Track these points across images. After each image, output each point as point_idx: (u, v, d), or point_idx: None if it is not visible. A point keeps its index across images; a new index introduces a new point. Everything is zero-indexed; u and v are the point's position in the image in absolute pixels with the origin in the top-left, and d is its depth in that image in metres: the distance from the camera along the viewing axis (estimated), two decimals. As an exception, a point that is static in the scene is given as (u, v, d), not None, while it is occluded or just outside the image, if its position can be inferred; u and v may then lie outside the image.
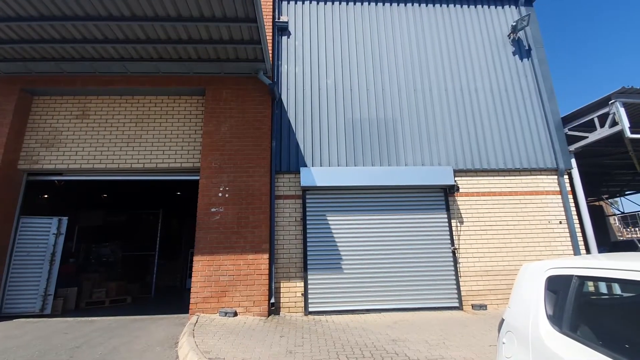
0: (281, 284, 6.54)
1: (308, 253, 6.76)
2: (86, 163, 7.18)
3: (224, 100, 7.35)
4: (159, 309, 7.62)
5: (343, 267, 6.80)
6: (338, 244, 6.91)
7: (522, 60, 8.64)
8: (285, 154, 7.34)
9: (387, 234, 7.09)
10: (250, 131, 7.15)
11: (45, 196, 9.71)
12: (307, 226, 6.91)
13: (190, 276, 11.05)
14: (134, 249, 11.34)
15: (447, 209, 7.39)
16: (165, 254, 11.68)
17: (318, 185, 6.98)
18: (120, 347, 4.72)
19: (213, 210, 6.55)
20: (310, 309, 6.47)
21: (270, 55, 7.88)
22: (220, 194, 6.67)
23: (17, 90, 7.19)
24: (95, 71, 7.28)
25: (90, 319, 6.51)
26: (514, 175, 7.77)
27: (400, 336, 4.95)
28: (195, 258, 6.31)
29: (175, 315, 6.60)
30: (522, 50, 8.72)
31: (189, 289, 6.28)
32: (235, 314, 5.92)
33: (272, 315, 6.20)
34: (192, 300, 6.06)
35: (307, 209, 7.03)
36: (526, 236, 7.37)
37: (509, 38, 8.75)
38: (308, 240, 6.82)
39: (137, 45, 6.57)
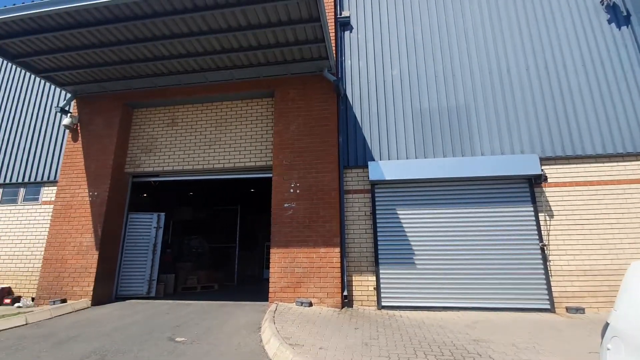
0: (353, 277, 6.65)
1: (379, 247, 6.75)
2: (177, 165, 8.13)
3: (292, 100, 7.65)
4: (242, 295, 8.33)
5: (416, 262, 6.64)
6: (410, 239, 6.76)
7: (619, 29, 7.37)
8: (352, 149, 7.39)
9: (464, 228, 6.70)
10: (317, 128, 7.34)
11: (144, 195, 11.23)
12: (377, 220, 6.89)
13: (267, 267, 11.83)
14: (218, 241, 12.57)
15: (533, 201, 6.70)
16: (244, 246, 12.71)
17: (387, 179, 6.89)
18: (212, 329, 5.30)
19: (286, 205, 6.92)
20: (383, 303, 6.47)
21: (334, 51, 7.97)
22: (291, 190, 7.00)
23: (121, 105, 8.41)
24: (180, 83, 8.16)
25: (186, 302, 7.42)
26: (616, 161, 6.71)
27: (482, 336, 4.69)
28: (271, 250, 6.75)
29: (256, 303, 7.15)
30: (618, 17, 7.43)
31: (267, 279, 6.75)
32: (310, 304, 6.20)
33: (345, 307, 6.35)
34: (270, 290, 6.51)
35: (377, 204, 7.00)
36: (632, 231, 6.33)
37: (602, 4, 7.52)
38: (378, 234, 6.80)
39: (214, 56, 7.20)
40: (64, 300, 7.04)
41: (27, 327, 5.64)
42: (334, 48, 7.99)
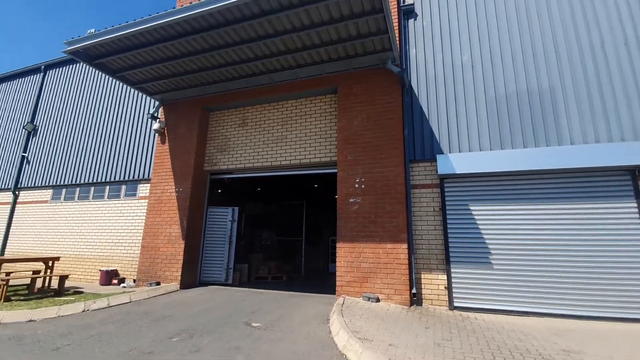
0: (422, 275, 6.46)
1: (450, 245, 6.43)
2: (247, 162, 8.70)
3: (354, 95, 7.62)
4: (309, 287, 8.63)
5: (492, 262, 6.18)
6: (485, 237, 6.31)
7: None
8: (419, 142, 7.12)
9: (549, 226, 6.03)
10: (381, 122, 7.22)
11: (219, 191, 12.22)
12: (447, 216, 6.56)
13: (333, 261, 12.04)
14: (285, 234, 13.19)
15: (637, 196, 5.75)
16: (309, 240, 13.12)
17: (457, 172, 6.51)
18: (284, 317, 5.61)
19: (351, 200, 6.96)
20: (455, 304, 6.17)
21: (398, 42, 7.73)
22: (356, 185, 7.01)
23: (199, 109, 9.25)
24: (249, 85, 8.67)
25: (259, 290, 7.97)
26: None
27: (573, 347, 4.21)
28: (337, 245, 6.87)
29: (323, 295, 7.36)
30: None
31: (332, 273, 6.90)
32: (378, 300, 6.19)
33: (414, 305, 6.20)
34: (337, 283, 6.65)
35: (447, 198, 6.66)
36: None
37: None
38: (449, 231, 6.48)
39: (279, 57, 7.50)
40: (158, 283, 8.08)
41: (130, 305, 6.59)
42: (397, 38, 7.75)
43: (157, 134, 9.55)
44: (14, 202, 11.74)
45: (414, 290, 6.25)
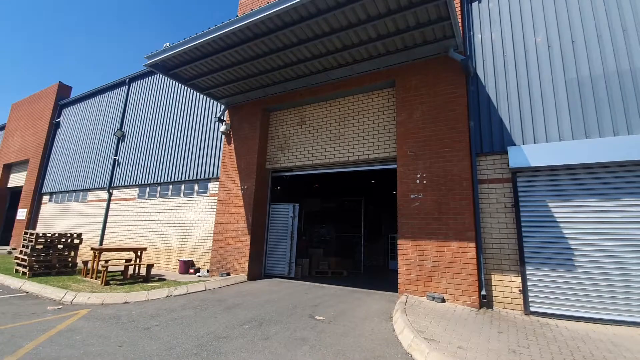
0: (492, 276, 6.04)
1: (525, 244, 5.91)
2: (307, 160, 8.94)
3: (414, 87, 7.36)
4: (369, 284, 8.62)
5: (576, 264, 5.54)
6: (567, 236, 5.67)
7: None
8: (486, 134, 6.64)
9: (648, 225, 5.22)
10: (443, 114, 6.87)
11: (278, 188, 12.74)
12: (521, 213, 6.02)
13: (393, 258, 11.85)
14: (344, 230, 13.31)
15: None
16: (368, 236, 13.07)
17: (533, 165, 5.94)
18: (346, 312, 5.70)
19: (412, 197, 6.77)
20: (532, 308, 5.66)
21: (461, 27, 7.27)
22: (417, 181, 6.80)
23: (260, 110, 9.72)
24: (307, 84, 8.86)
25: (320, 284, 8.18)
26: None
27: (685, 366, 3.61)
28: (399, 242, 6.75)
29: (384, 292, 7.30)
30: None
31: (393, 270, 6.79)
32: (443, 300, 5.96)
33: (483, 308, 5.84)
34: (399, 281, 6.54)
35: (520, 194, 6.11)
36: None
37: None
38: (523, 229, 5.95)
39: (335, 54, 7.54)
40: (228, 274, 8.73)
41: (206, 292, 7.22)
42: (460, 24, 7.28)
43: (223, 136, 10.27)
44: (109, 199, 13.56)
45: (483, 292, 5.87)
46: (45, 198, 17.00)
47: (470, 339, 4.17)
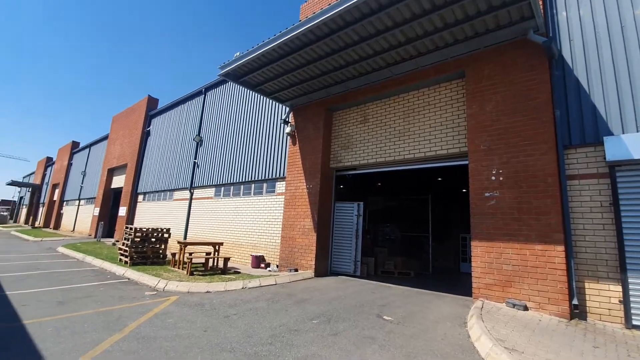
0: (585, 284, 5.33)
1: (626, 249, 5.08)
2: (370, 158, 8.87)
3: (486, 76, 6.82)
4: (439, 286, 8.24)
5: (701, 274, 4.62)
6: (688, 241, 4.75)
7: None
8: (576, 123, 5.87)
9: None
10: (521, 104, 6.25)
11: (341, 187, 12.83)
12: (622, 213, 5.19)
13: (465, 260, 11.19)
14: (409, 230, 12.90)
15: None
16: (436, 236, 12.47)
17: (636, 158, 5.09)
18: (415, 313, 5.54)
19: (487, 195, 6.29)
20: (634, 322, 4.87)
21: (541, 6, 6.53)
22: (493, 178, 6.30)
23: (324, 110, 9.90)
24: (369, 82, 8.78)
25: (387, 284, 8.07)
26: None
27: None
28: (472, 243, 6.33)
29: (457, 296, 6.92)
30: None
31: (465, 273, 6.40)
32: (526, 308, 5.44)
33: (575, 319, 5.19)
34: (474, 285, 6.14)
35: (620, 191, 5.27)
36: None
37: None
38: (625, 231, 5.12)
39: (398, 49, 7.34)
40: (296, 270, 9.10)
41: (276, 286, 7.63)
42: (540, 2, 6.54)
43: (289, 137, 10.70)
44: (191, 198, 15.07)
45: (574, 301, 5.22)
46: (140, 197, 19.53)
47: (560, 353, 3.75)
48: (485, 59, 6.91)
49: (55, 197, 32.87)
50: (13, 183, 40.82)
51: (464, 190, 13.63)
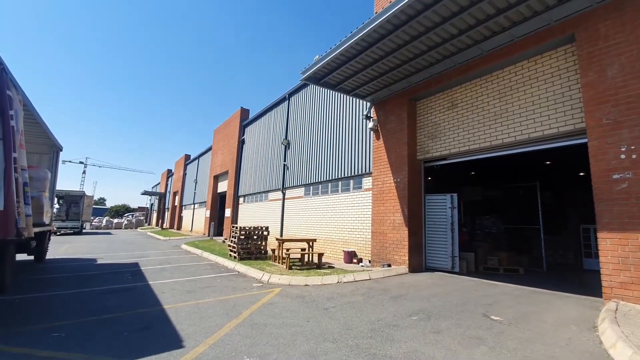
0: None
1: None
2: (462, 146, 8.25)
3: (604, 37, 5.70)
4: (557, 285, 7.23)
5: None
6: None
7: None
8: None
9: None
10: (660, 62, 5.05)
11: (429, 178, 12.19)
12: None
13: (589, 255, 9.63)
14: (514, 222, 11.55)
15: None
16: (549, 228, 10.90)
17: None
18: (529, 314, 4.98)
19: (615, 177, 5.27)
20: None
21: None
22: (622, 156, 5.24)
23: (406, 101, 9.57)
24: (454, 64, 8.17)
25: (491, 282, 7.43)
26: None
27: None
28: (599, 235, 5.38)
29: (580, 296, 5.99)
30: None
31: (590, 270, 5.48)
32: (682, 313, 4.41)
33: None
34: (604, 284, 5.22)
35: None
36: None
37: None
38: None
39: (488, 22, 6.67)
40: (389, 265, 9.04)
41: (370, 282, 7.70)
42: None
43: (372, 132, 10.65)
44: (283, 198, 16.23)
45: None
46: (241, 199, 21.82)
47: None
48: (601, 16, 5.79)
49: (176, 203, 39.02)
50: (145, 193, 50.24)
51: (582, 174, 11.61)
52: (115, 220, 46.41)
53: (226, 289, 7.04)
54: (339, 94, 12.87)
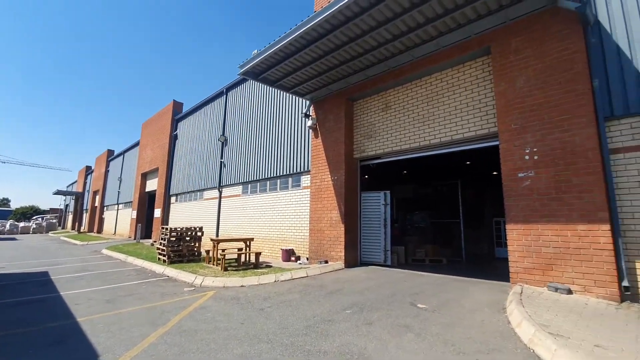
0: (637, 264, 4.98)
1: (683, 224, 4.70)
2: (395, 146, 8.69)
3: (514, 51, 6.45)
4: (473, 273, 8.01)
5: None
6: None
7: None
8: (618, 93, 5.43)
9: None
10: (555, 76, 5.86)
11: (365, 177, 12.68)
12: (676, 186, 4.79)
13: (500, 245, 10.81)
14: (439, 217, 12.59)
15: None
16: (468, 222, 12.08)
17: (692, 124, 4.64)
18: (450, 301, 5.42)
19: (520, 175, 6.00)
20: (697, 304, 4.52)
21: (573, -32, 6.05)
22: (526, 157, 5.98)
23: (344, 100, 9.79)
24: (388, 68, 8.57)
25: (418, 272, 7.95)
26: None
27: None
28: (508, 227, 6.08)
29: (493, 282, 6.70)
30: None
31: (501, 258, 6.16)
32: (570, 292, 5.16)
33: (626, 301, 4.86)
34: (511, 270, 5.91)
35: (673, 162, 4.86)
36: None
37: None
38: (681, 206, 4.73)
39: (418, 30, 7.08)
40: (326, 261, 9.15)
41: (307, 279, 7.71)
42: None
43: (311, 130, 10.69)
44: (220, 197, 15.50)
45: (625, 283, 4.88)
46: (173, 199, 20.33)
47: (612, 338, 3.53)
48: (512, 33, 6.53)
49: (97, 203, 34.96)
50: (59, 192, 43.74)
51: (496, 173, 13.09)
52: (22, 224, 39.84)
53: (153, 296, 6.46)
54: (279, 92, 12.70)
